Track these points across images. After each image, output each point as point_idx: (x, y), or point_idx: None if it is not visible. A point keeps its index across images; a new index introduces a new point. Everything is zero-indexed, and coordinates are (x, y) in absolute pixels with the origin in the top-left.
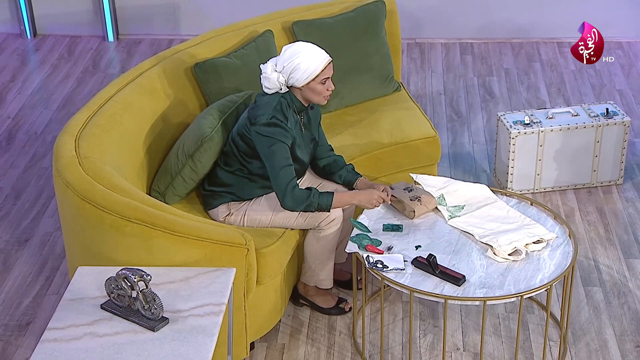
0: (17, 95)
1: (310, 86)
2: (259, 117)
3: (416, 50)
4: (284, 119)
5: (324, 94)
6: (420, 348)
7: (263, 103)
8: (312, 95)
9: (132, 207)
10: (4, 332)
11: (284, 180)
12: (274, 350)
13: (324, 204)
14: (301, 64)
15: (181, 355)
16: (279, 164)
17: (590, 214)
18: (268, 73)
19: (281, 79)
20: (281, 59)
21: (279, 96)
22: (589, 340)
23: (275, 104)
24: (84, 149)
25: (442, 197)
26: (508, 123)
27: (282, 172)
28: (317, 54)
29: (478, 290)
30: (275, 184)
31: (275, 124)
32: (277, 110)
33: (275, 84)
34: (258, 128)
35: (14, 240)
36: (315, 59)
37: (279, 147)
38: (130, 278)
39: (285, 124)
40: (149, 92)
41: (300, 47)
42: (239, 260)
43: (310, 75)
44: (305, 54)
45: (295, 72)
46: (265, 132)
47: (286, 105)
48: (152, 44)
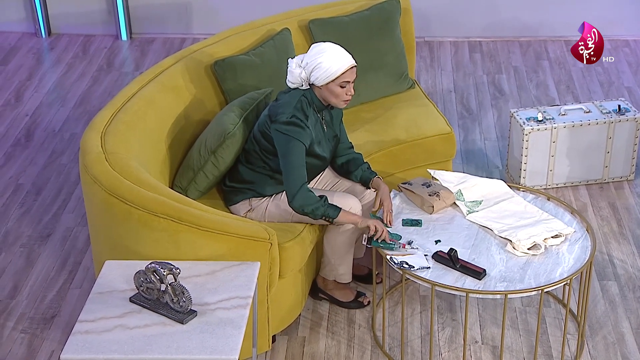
0: (34, 94)
1: (329, 87)
2: (280, 115)
3: (425, 49)
4: (304, 117)
5: (342, 97)
6: (439, 341)
7: (284, 101)
8: (330, 97)
9: (159, 202)
10: (29, 325)
11: (298, 181)
12: (295, 343)
13: (331, 214)
14: (323, 63)
15: (210, 347)
16: (293, 163)
17: (602, 209)
18: (293, 67)
19: (303, 74)
20: (307, 56)
21: (301, 94)
22: (606, 334)
23: (295, 102)
24: (110, 144)
25: (460, 192)
26: (521, 120)
27: (296, 172)
28: (341, 56)
29: (499, 284)
30: (288, 181)
31: (294, 123)
32: (298, 109)
33: (297, 79)
34: (278, 126)
35: (36, 236)
36: (338, 61)
37: (296, 146)
38: (159, 271)
39: (305, 123)
40: (170, 90)
41: (326, 47)
42: (262, 254)
43: (330, 76)
44: (329, 54)
45: (316, 71)
46: (284, 130)
47: (307, 104)
48: (165, 43)
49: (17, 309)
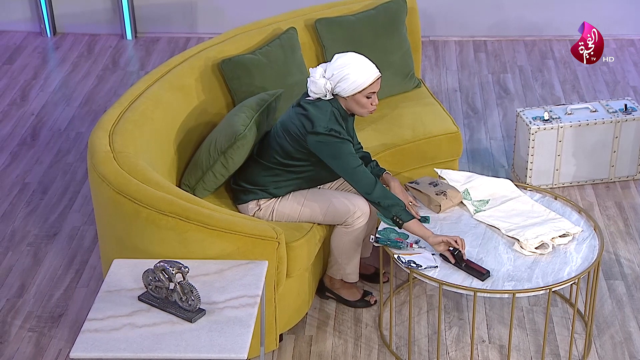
0: (40, 93)
1: (356, 98)
2: (317, 128)
3: (430, 48)
4: (341, 129)
5: (368, 108)
6: (447, 340)
7: (316, 113)
8: (355, 107)
9: (167, 201)
10: (37, 324)
11: (366, 180)
12: (302, 342)
13: (404, 217)
14: (350, 75)
15: (219, 346)
16: (352, 165)
17: (609, 208)
18: (316, 78)
19: (328, 85)
20: (331, 66)
21: (330, 105)
22: (613, 333)
23: (329, 115)
24: (118, 144)
25: (467, 191)
26: (527, 119)
27: (361, 174)
28: (368, 67)
29: (507, 283)
30: (358, 185)
31: (333, 135)
32: (333, 122)
33: (321, 90)
34: (317, 137)
35: (43, 235)
36: (365, 73)
37: (346, 148)
38: (168, 270)
39: (344, 135)
40: (177, 89)
41: (352, 58)
42: (270, 253)
43: (357, 87)
44: (355, 66)
45: (343, 82)
46: (325, 140)
47: (338, 114)
48: (170, 42)
49: (25, 308)
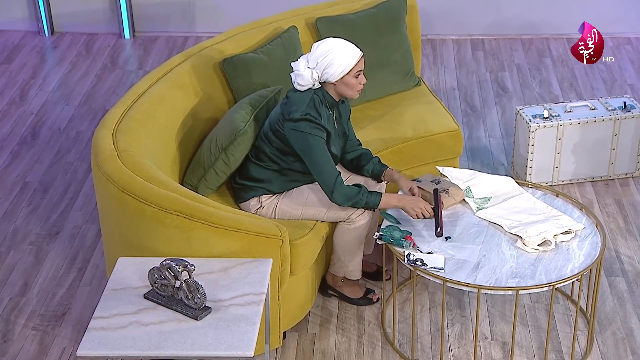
0: (39, 92)
1: (345, 80)
2: (293, 114)
3: (428, 47)
4: (317, 115)
5: (357, 87)
6: (449, 337)
7: (296, 100)
8: (345, 90)
9: (172, 199)
10: (40, 323)
11: (330, 176)
12: (305, 340)
13: (372, 202)
14: (335, 59)
15: (225, 344)
16: (319, 160)
17: (608, 206)
18: (301, 70)
19: (315, 75)
20: (314, 56)
21: (312, 92)
22: (615, 329)
23: (308, 100)
24: (122, 142)
25: (469, 189)
26: (527, 117)
27: (325, 168)
28: (350, 48)
29: (510, 280)
30: (321, 180)
31: (309, 120)
32: (310, 107)
33: (308, 81)
34: (292, 124)
35: (44, 234)
36: (349, 54)
37: (316, 142)
38: (174, 268)
39: (319, 120)
40: (179, 87)
41: (333, 43)
42: (274, 251)
43: (344, 69)
44: (338, 50)
45: (329, 68)
46: (300, 127)
47: (319, 102)
48: (168, 41)
49: (28, 306)
